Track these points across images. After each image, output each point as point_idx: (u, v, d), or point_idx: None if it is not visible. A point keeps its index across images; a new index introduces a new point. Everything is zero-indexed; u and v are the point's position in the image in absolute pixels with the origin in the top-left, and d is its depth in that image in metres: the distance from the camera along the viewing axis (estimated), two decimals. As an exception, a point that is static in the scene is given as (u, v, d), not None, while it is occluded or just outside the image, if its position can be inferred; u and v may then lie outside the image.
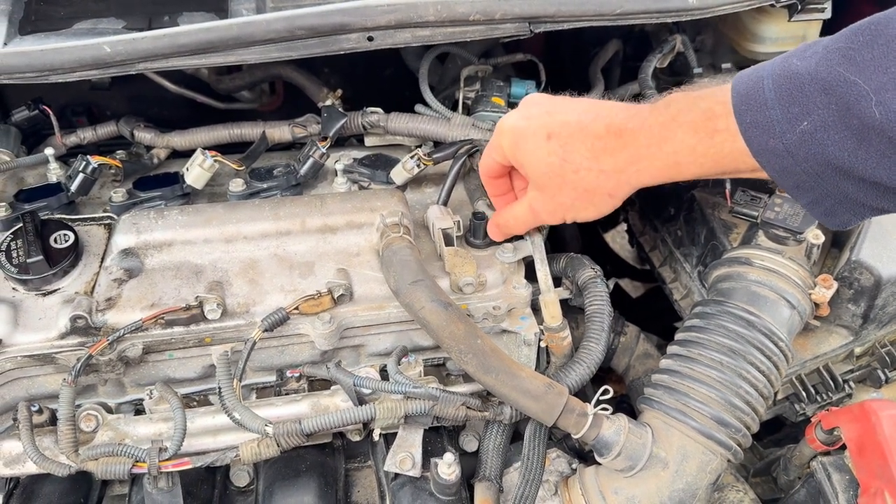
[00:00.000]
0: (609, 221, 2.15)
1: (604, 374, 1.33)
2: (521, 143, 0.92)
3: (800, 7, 1.23)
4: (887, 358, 1.20)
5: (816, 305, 1.12)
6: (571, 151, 0.87)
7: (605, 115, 0.87)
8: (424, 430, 1.05)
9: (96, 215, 1.18)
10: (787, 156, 0.71)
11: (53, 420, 1.03)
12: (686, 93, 0.83)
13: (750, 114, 0.73)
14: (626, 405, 1.43)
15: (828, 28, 1.37)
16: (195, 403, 1.12)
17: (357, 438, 1.12)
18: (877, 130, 0.65)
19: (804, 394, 1.19)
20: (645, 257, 1.49)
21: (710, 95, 0.78)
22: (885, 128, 0.64)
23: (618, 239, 2.46)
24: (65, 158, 1.28)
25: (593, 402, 0.99)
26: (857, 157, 0.67)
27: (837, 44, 0.68)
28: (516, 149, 0.93)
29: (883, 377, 1.21)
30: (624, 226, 1.79)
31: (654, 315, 1.58)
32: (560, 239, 1.70)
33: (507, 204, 1.06)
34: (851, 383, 1.20)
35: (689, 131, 0.79)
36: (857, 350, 1.21)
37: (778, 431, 1.40)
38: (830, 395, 1.19)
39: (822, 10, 1.25)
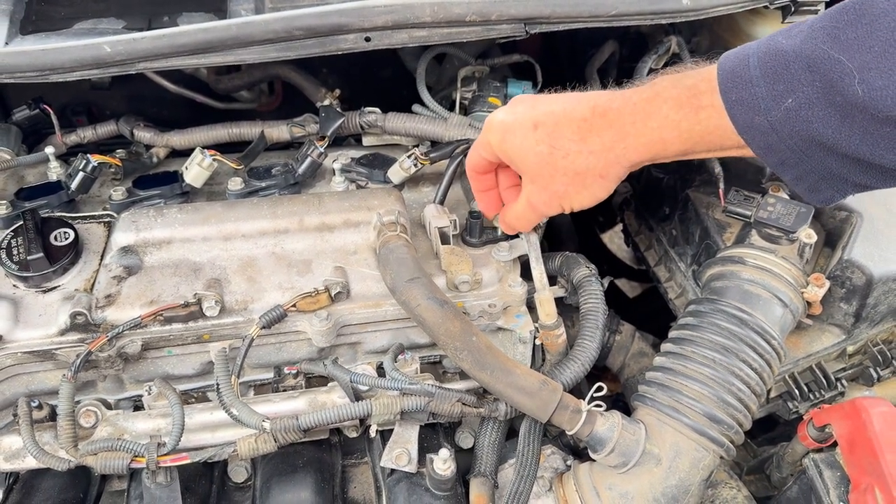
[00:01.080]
0: (606, 222, 2.17)
1: (599, 372, 1.35)
2: (509, 137, 0.91)
3: (793, 9, 1.24)
4: (879, 356, 1.21)
5: (809, 304, 1.13)
6: (558, 137, 0.87)
7: (589, 99, 0.88)
8: (420, 426, 1.07)
9: (96, 213, 1.20)
10: (771, 132, 0.72)
11: (53, 416, 1.04)
12: (670, 73, 0.84)
13: (735, 91, 0.74)
14: (622, 404, 1.44)
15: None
16: (193, 400, 1.13)
17: (354, 435, 1.13)
18: (860, 108, 0.66)
19: (797, 392, 1.20)
20: (641, 257, 1.51)
21: (695, 73, 0.79)
22: (867, 105, 0.65)
23: (615, 240, 2.47)
24: (65, 157, 1.29)
25: (587, 398, 1.00)
26: (840, 134, 0.68)
27: (822, 22, 0.69)
28: (504, 143, 0.92)
29: (875, 375, 1.22)
30: (620, 226, 1.80)
31: (650, 315, 1.59)
32: (556, 239, 1.71)
33: (490, 200, 1.06)
34: (844, 381, 1.21)
35: (673, 107, 0.80)
36: (850, 349, 1.22)
37: (772, 430, 1.41)
38: (823, 393, 1.20)
39: (816, 12, 1.26)
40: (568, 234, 1.73)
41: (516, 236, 1.15)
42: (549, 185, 0.92)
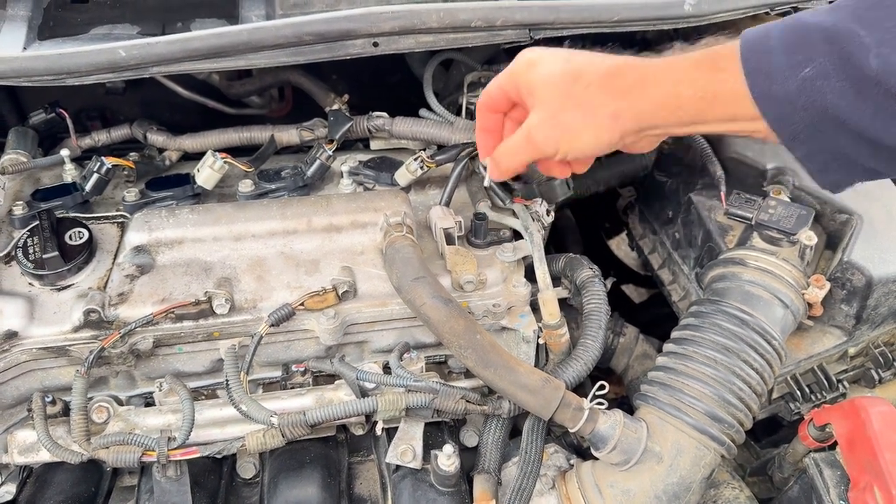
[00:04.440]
0: (613, 229, 2.18)
1: (602, 374, 1.36)
2: (537, 66, 0.91)
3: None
4: (881, 358, 1.22)
5: (810, 305, 1.14)
6: (586, 70, 0.88)
7: (622, 57, 0.90)
8: (425, 424, 1.08)
9: (110, 214, 1.23)
10: (786, 103, 0.73)
11: (66, 411, 1.07)
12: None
13: (755, 59, 0.75)
14: (627, 406, 1.45)
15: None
16: (203, 397, 1.15)
17: (360, 432, 1.15)
18: (874, 81, 0.68)
19: (799, 393, 1.21)
20: (645, 260, 1.52)
21: (717, 45, 0.81)
22: (881, 79, 0.67)
23: (622, 246, 2.48)
24: (80, 160, 1.32)
25: (589, 397, 1.02)
26: (854, 108, 0.70)
27: (847, 2, 0.71)
28: (531, 71, 0.91)
29: (877, 377, 1.23)
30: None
31: (656, 320, 1.60)
32: (562, 243, 1.73)
33: (489, 142, 1.02)
34: (845, 383, 1.22)
35: (692, 65, 0.81)
36: (851, 350, 1.23)
37: (775, 433, 1.42)
38: (825, 394, 1.21)
39: (817, 18, 1.28)
40: (573, 238, 1.74)
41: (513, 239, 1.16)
42: (558, 114, 0.89)
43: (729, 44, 0.79)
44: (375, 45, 1.12)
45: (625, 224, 1.60)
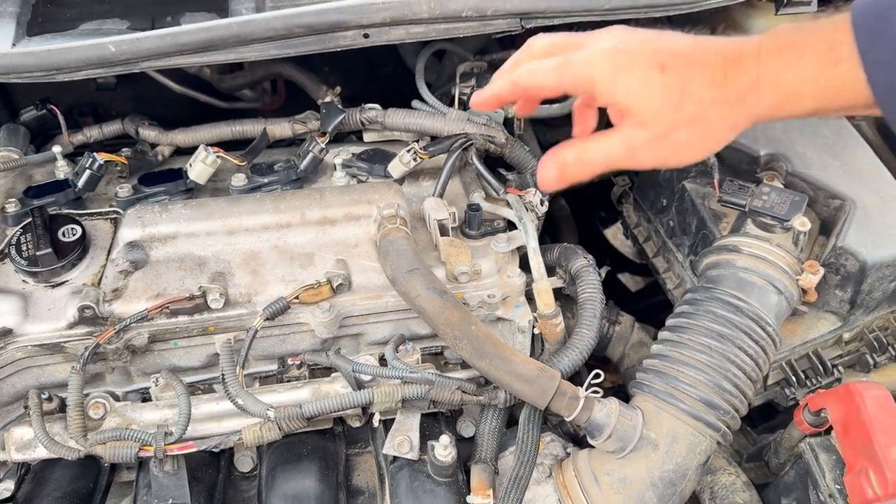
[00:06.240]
0: (609, 218, 2.18)
1: (598, 363, 1.36)
2: (625, 75, 0.77)
3: (785, 1, 1.25)
4: (875, 343, 1.23)
5: (804, 291, 1.14)
6: (690, 82, 0.77)
7: (716, 46, 0.79)
8: (422, 415, 1.08)
9: (103, 210, 1.22)
10: None
11: (63, 408, 1.06)
12: (798, 24, 0.77)
13: (875, 50, 0.69)
14: (623, 394, 1.45)
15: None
16: (200, 392, 1.15)
17: (357, 424, 1.15)
18: None
19: (794, 379, 1.21)
20: (640, 249, 1.52)
21: (829, 24, 0.73)
22: None
23: (619, 236, 2.48)
24: (72, 156, 1.32)
25: (585, 385, 1.02)
26: None
27: None
28: (616, 82, 0.78)
29: (871, 362, 1.23)
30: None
31: (652, 308, 1.61)
32: (556, 233, 1.73)
33: (492, 107, 0.91)
34: (840, 368, 1.22)
35: (811, 59, 0.73)
36: (846, 336, 1.23)
37: (772, 419, 1.42)
38: (820, 379, 1.21)
39: (808, 3, 1.28)
40: (568, 228, 1.74)
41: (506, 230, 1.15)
42: (670, 134, 0.79)
43: (842, 24, 0.71)
44: (366, 36, 1.11)
45: (619, 213, 1.60)
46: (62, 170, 1.26)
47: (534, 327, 1.15)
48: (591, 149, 0.83)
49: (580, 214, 1.88)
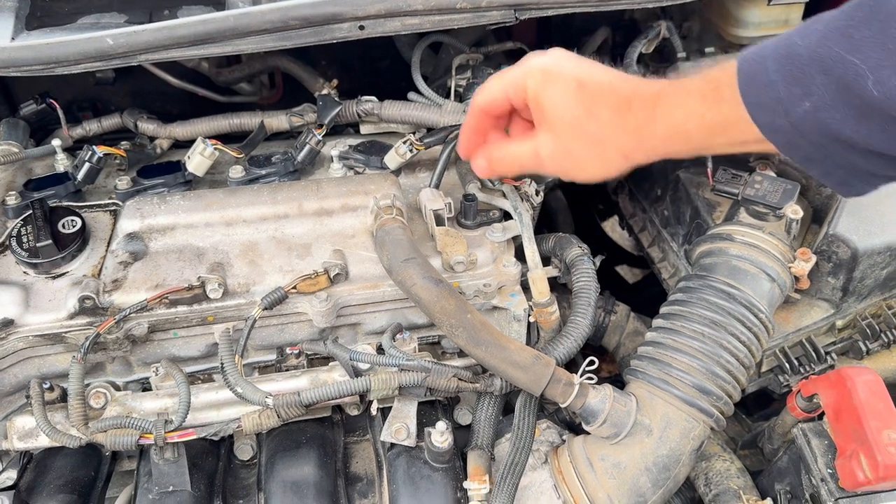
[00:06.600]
0: (607, 211, 2.19)
1: (594, 352, 1.37)
2: (549, 87, 0.89)
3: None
4: (868, 330, 1.24)
5: (797, 279, 1.15)
6: (598, 104, 0.87)
7: (631, 80, 0.89)
8: (420, 403, 1.10)
9: (102, 202, 1.24)
10: (793, 132, 0.72)
11: (64, 397, 1.08)
12: (700, 69, 0.85)
13: (755, 93, 0.74)
14: (620, 385, 1.46)
15: (811, 11, 1.40)
16: (200, 381, 1.16)
17: (355, 413, 1.17)
18: (877, 108, 0.66)
19: (787, 366, 1.22)
20: (636, 239, 1.53)
21: (717, 68, 0.80)
22: (884, 105, 0.65)
23: (617, 229, 2.49)
24: (71, 150, 1.33)
25: (579, 372, 1.03)
26: (859, 134, 0.69)
27: (837, 21, 0.69)
28: (543, 91, 0.89)
29: (864, 349, 1.24)
30: (617, 211, 1.82)
31: (650, 300, 1.61)
32: (552, 224, 1.74)
33: (476, 142, 1.02)
34: (834, 355, 1.23)
35: (697, 98, 0.80)
36: (839, 323, 1.24)
37: (767, 407, 1.44)
38: (813, 366, 1.22)
39: (801, -4, 1.29)
40: (565, 219, 1.75)
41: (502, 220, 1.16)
42: (569, 145, 0.90)
43: (728, 68, 0.77)
44: (362, 28, 1.12)
45: (615, 203, 1.61)
46: (62, 163, 1.28)
47: (529, 316, 1.16)
48: (511, 150, 0.97)
49: (578, 207, 1.90)
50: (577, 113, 0.88)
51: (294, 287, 1.08)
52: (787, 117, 0.72)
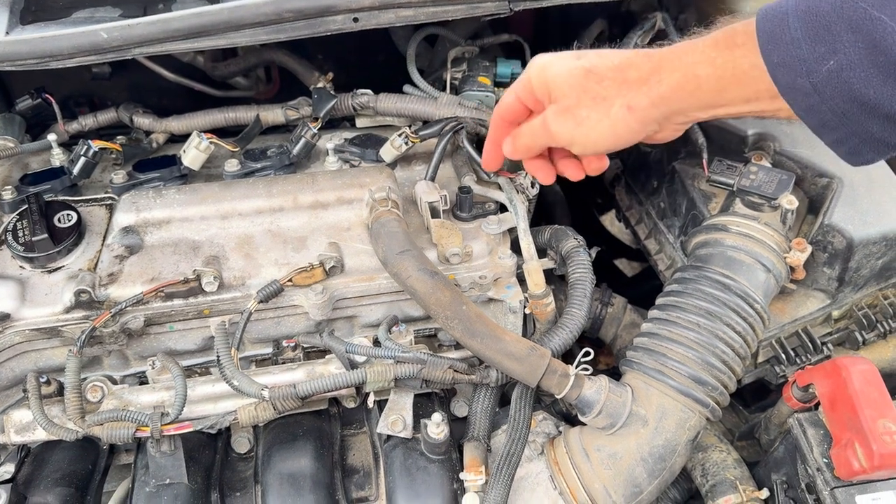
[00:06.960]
0: (605, 205, 2.19)
1: (591, 345, 1.36)
2: (551, 66, 0.91)
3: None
4: (864, 320, 1.24)
5: (792, 269, 1.15)
6: (598, 65, 0.88)
7: (633, 50, 0.91)
8: (416, 395, 1.10)
9: (98, 196, 1.24)
10: (813, 94, 0.71)
11: (61, 391, 1.08)
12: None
13: (777, 52, 0.72)
14: (617, 377, 1.46)
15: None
16: (196, 374, 1.16)
17: (352, 405, 1.17)
18: None
19: (784, 356, 1.22)
20: (633, 232, 1.53)
21: (733, 19, 0.79)
22: None
23: (616, 222, 2.49)
24: (67, 145, 1.33)
25: (575, 363, 1.04)
26: (882, 94, 0.68)
27: None
28: (544, 72, 0.91)
29: (861, 339, 1.24)
30: (615, 203, 1.82)
31: (649, 293, 1.61)
32: (550, 217, 1.74)
33: (499, 154, 1.05)
34: (830, 346, 1.23)
35: (710, 44, 0.79)
36: (835, 313, 1.24)
37: (764, 398, 1.44)
38: (809, 357, 1.22)
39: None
40: (561, 212, 1.75)
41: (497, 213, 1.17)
42: (574, 108, 0.90)
43: (742, 26, 0.76)
44: (356, 20, 1.12)
45: (613, 197, 1.60)
46: (57, 158, 1.28)
47: (525, 307, 1.16)
48: (526, 126, 0.99)
49: (576, 201, 1.89)
50: (577, 75, 0.88)
51: (290, 280, 1.08)
52: (809, 77, 0.70)
